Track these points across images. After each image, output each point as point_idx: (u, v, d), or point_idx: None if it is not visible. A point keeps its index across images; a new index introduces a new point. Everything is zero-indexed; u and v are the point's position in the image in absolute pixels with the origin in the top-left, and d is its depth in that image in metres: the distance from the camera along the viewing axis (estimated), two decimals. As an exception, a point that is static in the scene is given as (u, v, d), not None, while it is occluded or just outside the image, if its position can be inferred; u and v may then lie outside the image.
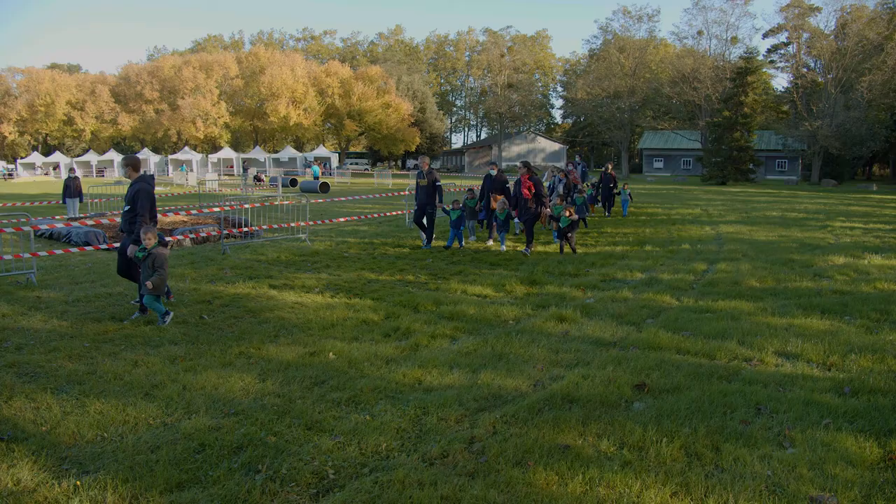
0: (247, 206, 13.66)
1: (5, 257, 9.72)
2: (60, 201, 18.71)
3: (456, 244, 12.81)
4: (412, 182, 17.07)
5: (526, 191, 11.75)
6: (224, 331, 6.79)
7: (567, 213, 11.70)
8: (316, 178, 45.48)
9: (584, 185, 17.41)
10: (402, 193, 21.53)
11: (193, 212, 13.70)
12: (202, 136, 69.35)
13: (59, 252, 11.50)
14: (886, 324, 6.77)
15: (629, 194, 19.84)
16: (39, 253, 9.76)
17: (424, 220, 12.87)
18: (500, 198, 12.27)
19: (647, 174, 63.13)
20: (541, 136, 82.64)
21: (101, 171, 60.86)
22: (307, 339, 6.35)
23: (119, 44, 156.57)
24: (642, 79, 60.35)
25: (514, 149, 77.85)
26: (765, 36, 56.27)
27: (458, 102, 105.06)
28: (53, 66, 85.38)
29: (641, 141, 68.35)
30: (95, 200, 19.70)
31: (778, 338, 6.17)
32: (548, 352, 5.77)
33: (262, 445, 4.01)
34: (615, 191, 19.19)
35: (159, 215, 15.49)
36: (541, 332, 6.41)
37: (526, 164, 12.02)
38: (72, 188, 18.16)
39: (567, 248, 11.95)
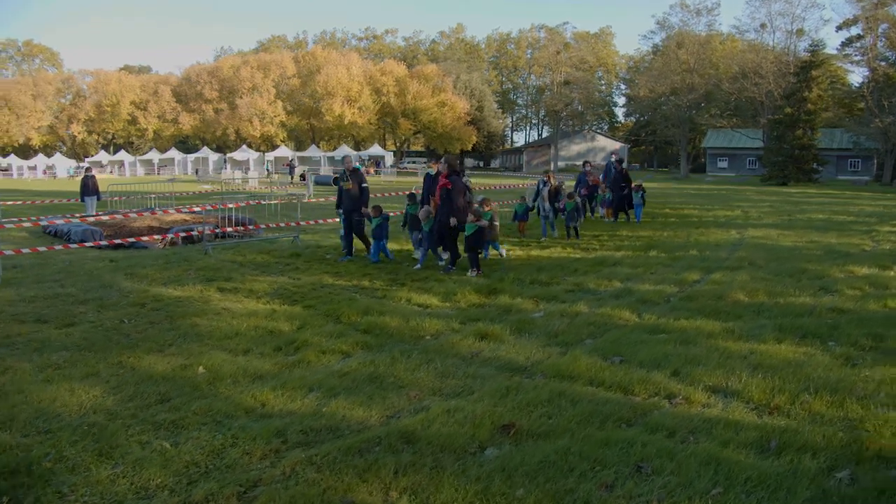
0: (231, 205, 13.34)
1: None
2: (79, 199, 19.10)
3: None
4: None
5: (438, 194, 9.93)
6: (130, 337, 6.44)
7: (474, 220, 9.61)
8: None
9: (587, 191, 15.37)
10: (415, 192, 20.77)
11: (221, 207, 13.49)
12: (259, 135, 71.03)
13: (58, 248, 11.63)
14: (873, 354, 5.52)
15: (642, 196, 16.63)
16: (6, 251, 9.73)
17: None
18: (426, 206, 10.53)
19: (710, 174, 60.24)
20: (600, 134, 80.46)
21: (160, 170, 63.21)
22: (197, 349, 5.88)
23: (188, 45, 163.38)
24: (704, 75, 57.38)
25: (574, 147, 76.05)
26: (838, 28, 52.29)
27: (519, 101, 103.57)
28: (125, 68, 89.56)
29: (705, 140, 65.24)
30: (115, 199, 20.04)
31: (724, 369, 5.17)
32: (435, 377, 5.05)
33: (31, 472, 3.58)
34: (625, 191, 16.23)
35: (165, 212, 15.63)
36: (447, 352, 5.68)
37: (447, 162, 10.15)
38: (89, 186, 18.50)
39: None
